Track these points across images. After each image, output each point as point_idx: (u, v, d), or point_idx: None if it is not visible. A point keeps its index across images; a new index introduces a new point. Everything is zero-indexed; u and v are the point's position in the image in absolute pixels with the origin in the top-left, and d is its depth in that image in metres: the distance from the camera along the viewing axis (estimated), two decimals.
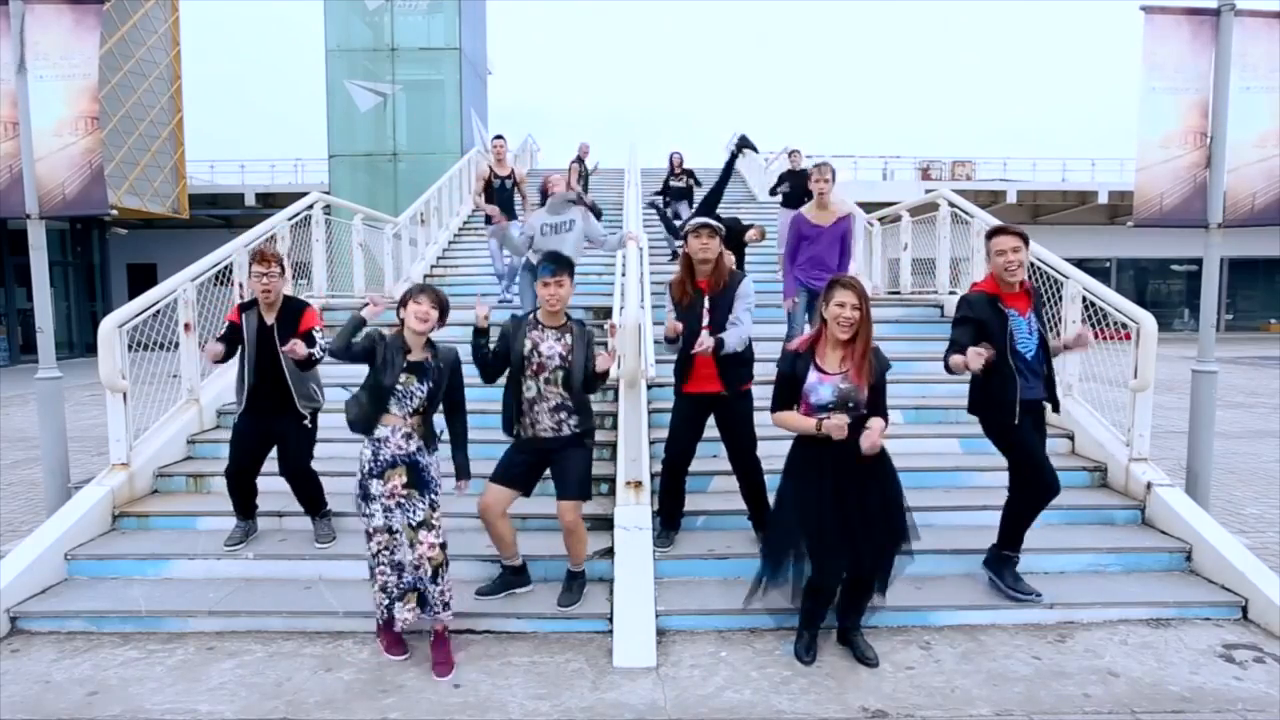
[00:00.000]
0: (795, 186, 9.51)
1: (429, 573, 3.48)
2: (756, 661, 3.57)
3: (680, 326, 4.08)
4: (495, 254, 8.74)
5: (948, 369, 3.71)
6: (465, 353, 3.75)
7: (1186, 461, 5.15)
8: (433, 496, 3.55)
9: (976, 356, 3.47)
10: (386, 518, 3.47)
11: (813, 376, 3.35)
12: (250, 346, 4.30)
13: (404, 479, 3.47)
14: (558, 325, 3.81)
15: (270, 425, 4.37)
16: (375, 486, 3.47)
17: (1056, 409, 4.03)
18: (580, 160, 12.13)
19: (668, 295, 4.27)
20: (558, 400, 3.76)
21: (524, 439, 3.82)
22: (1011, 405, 3.72)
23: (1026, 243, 3.79)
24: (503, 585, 4.02)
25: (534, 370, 3.74)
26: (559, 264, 3.78)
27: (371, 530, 3.49)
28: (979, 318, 3.72)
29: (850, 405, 3.28)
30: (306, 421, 4.41)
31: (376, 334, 3.55)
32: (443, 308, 3.57)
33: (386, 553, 3.50)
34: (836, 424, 3.21)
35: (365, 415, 3.48)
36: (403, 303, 3.53)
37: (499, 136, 8.98)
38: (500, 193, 8.51)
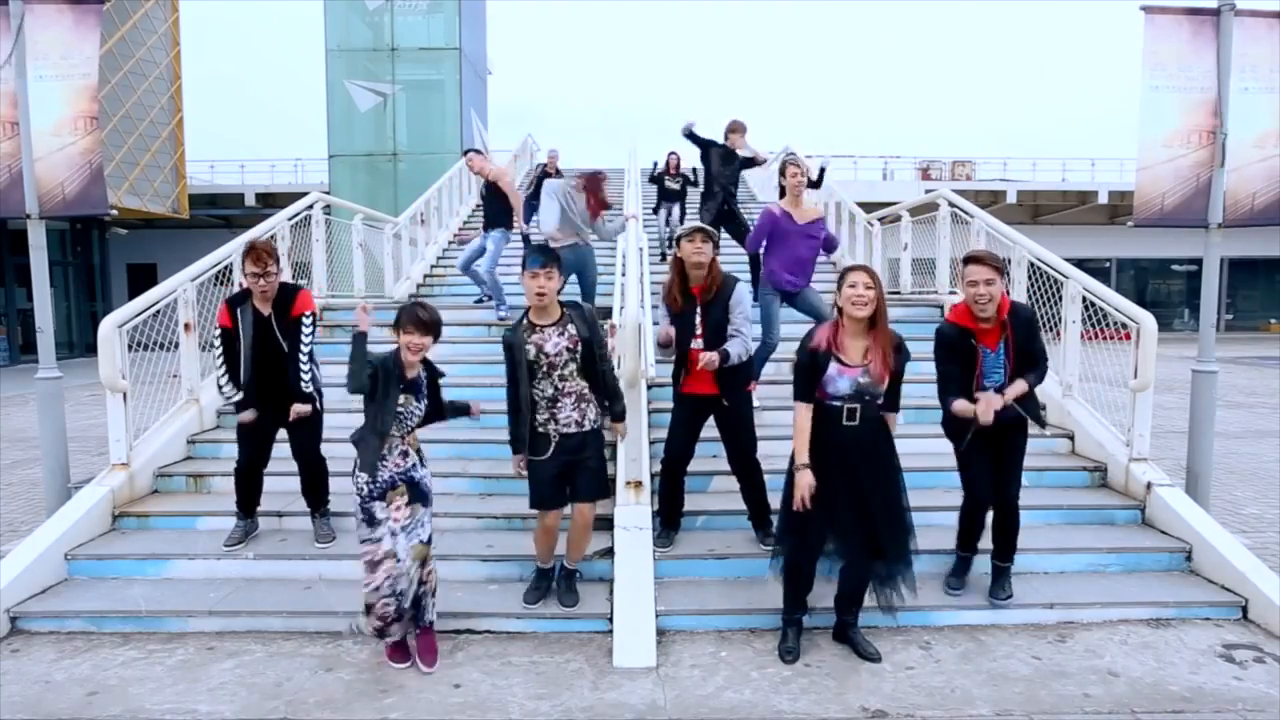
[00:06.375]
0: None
1: (431, 589, 3.53)
2: (756, 661, 3.57)
3: (673, 333, 4.08)
4: (467, 253, 8.06)
5: (947, 410, 3.73)
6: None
7: (1186, 461, 5.15)
8: (433, 510, 3.57)
9: (987, 408, 3.51)
10: (392, 542, 3.37)
11: (832, 368, 3.40)
12: (247, 341, 4.26)
13: (405, 497, 3.44)
14: (555, 320, 3.71)
15: (274, 415, 4.36)
16: (379, 510, 3.39)
17: (1041, 424, 3.86)
18: (549, 174, 10.66)
19: (662, 300, 4.28)
20: (579, 392, 3.73)
21: (543, 446, 3.70)
22: (966, 429, 3.73)
23: (1002, 273, 3.67)
24: (545, 589, 3.99)
25: (545, 371, 3.68)
26: (547, 256, 3.67)
27: (379, 558, 3.35)
28: (956, 353, 3.74)
29: (866, 397, 3.38)
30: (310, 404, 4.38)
31: (376, 361, 3.38)
32: (435, 331, 3.44)
33: (389, 583, 3.35)
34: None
35: (377, 451, 3.39)
36: (397, 326, 3.40)
37: (468, 150, 8.44)
38: (489, 201, 7.95)
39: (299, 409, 4.31)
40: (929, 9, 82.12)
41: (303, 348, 4.35)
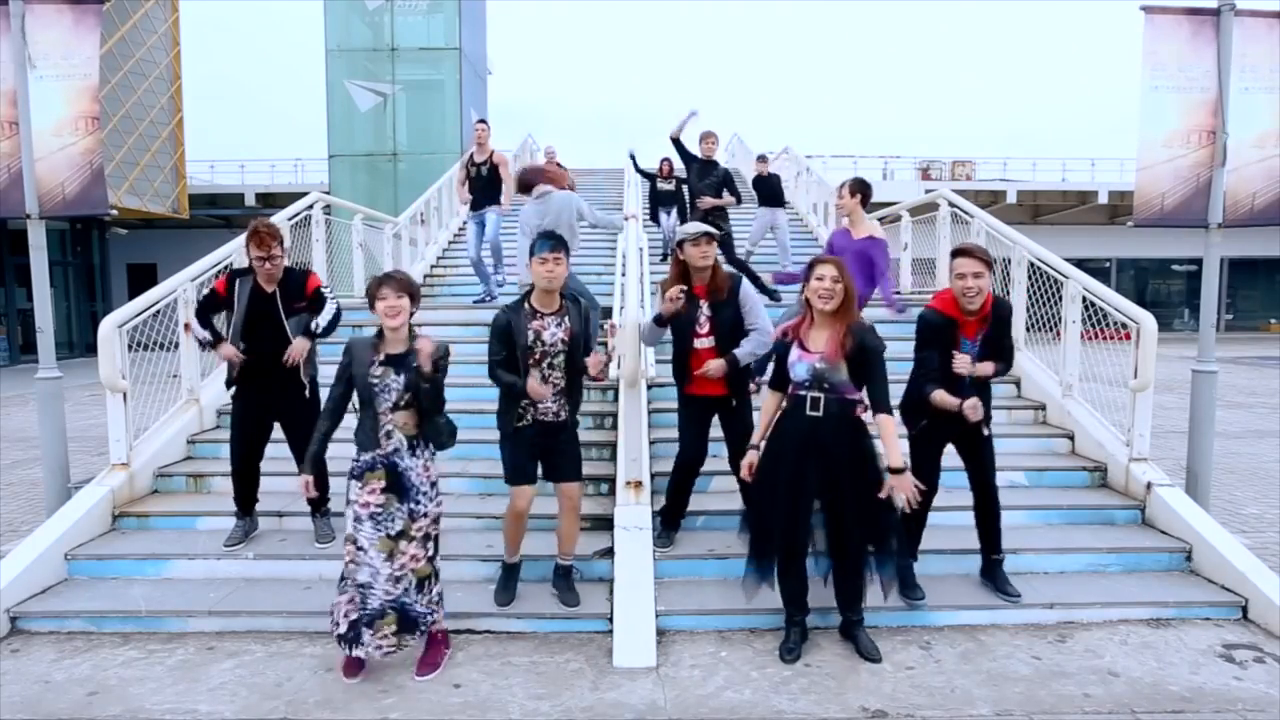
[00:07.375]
0: (765, 190, 9.62)
1: (413, 583, 3.35)
2: (756, 661, 3.57)
3: (682, 299, 4.03)
4: (474, 241, 8.32)
5: (916, 394, 3.80)
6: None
7: (1186, 461, 5.15)
8: (413, 505, 3.35)
9: (973, 409, 3.63)
10: (355, 528, 3.31)
11: (794, 354, 3.48)
12: (240, 313, 4.20)
13: (382, 483, 3.32)
14: (555, 309, 3.76)
15: (269, 403, 4.32)
16: (353, 490, 3.34)
17: (986, 425, 3.86)
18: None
19: (659, 288, 4.28)
20: (560, 386, 3.76)
21: (522, 427, 3.76)
22: (924, 414, 3.82)
23: (991, 268, 3.70)
24: (514, 588, 4.00)
25: (537, 358, 3.72)
26: (556, 241, 3.73)
27: (346, 543, 3.35)
28: (937, 341, 3.79)
29: (825, 385, 3.39)
30: (306, 391, 4.35)
31: (346, 348, 3.41)
32: (411, 293, 3.38)
33: (352, 566, 3.31)
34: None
35: (369, 429, 3.35)
36: (370, 300, 3.37)
37: (481, 120, 8.62)
38: (478, 180, 8.26)
39: (299, 344, 4.21)
40: (929, 9, 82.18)
41: (327, 309, 4.36)
